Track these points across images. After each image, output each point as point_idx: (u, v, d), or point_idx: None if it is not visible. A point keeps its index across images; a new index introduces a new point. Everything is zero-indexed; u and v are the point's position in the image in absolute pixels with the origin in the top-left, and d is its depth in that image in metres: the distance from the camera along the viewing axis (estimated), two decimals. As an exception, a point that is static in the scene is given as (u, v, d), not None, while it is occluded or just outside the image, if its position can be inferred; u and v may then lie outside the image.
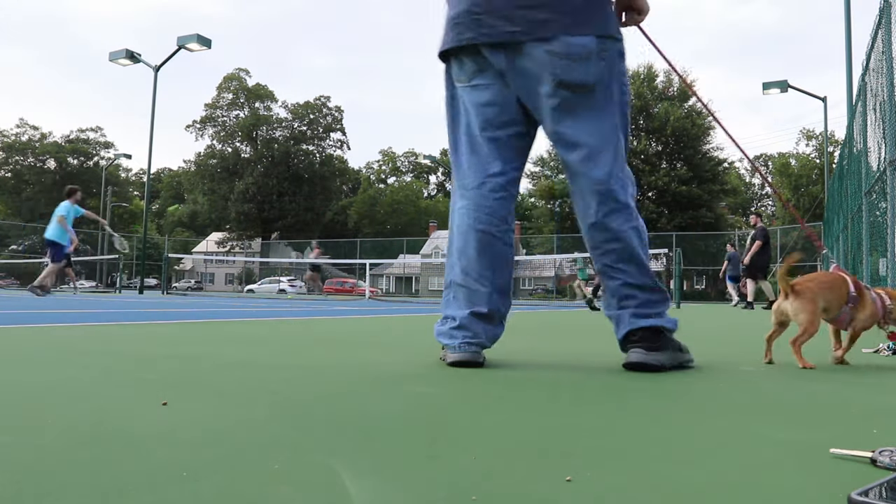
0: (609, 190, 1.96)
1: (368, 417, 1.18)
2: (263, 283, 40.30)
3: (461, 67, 2.04)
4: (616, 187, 1.96)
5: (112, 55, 19.98)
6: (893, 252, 6.01)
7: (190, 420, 1.12)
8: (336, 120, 60.57)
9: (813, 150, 54.14)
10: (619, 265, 2.00)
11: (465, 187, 2.07)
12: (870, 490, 0.68)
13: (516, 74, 1.94)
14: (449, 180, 60.51)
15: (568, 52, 1.87)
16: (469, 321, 2.01)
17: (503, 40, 1.91)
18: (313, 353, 2.40)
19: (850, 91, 13.43)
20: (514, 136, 2.07)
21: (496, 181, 2.05)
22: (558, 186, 44.39)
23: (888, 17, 6.43)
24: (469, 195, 2.06)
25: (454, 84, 2.10)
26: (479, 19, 1.92)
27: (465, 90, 2.06)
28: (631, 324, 2.00)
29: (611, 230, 1.98)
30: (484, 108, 2.02)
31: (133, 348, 2.42)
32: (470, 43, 1.95)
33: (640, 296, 2.01)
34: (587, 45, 1.88)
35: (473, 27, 1.94)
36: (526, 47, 1.89)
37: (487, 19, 1.91)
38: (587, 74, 1.90)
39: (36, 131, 61.64)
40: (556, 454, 0.93)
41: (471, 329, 2.01)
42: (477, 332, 2.01)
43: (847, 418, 1.28)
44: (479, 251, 2.03)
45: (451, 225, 2.12)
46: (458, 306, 2.06)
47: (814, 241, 2.35)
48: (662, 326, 1.99)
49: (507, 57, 1.93)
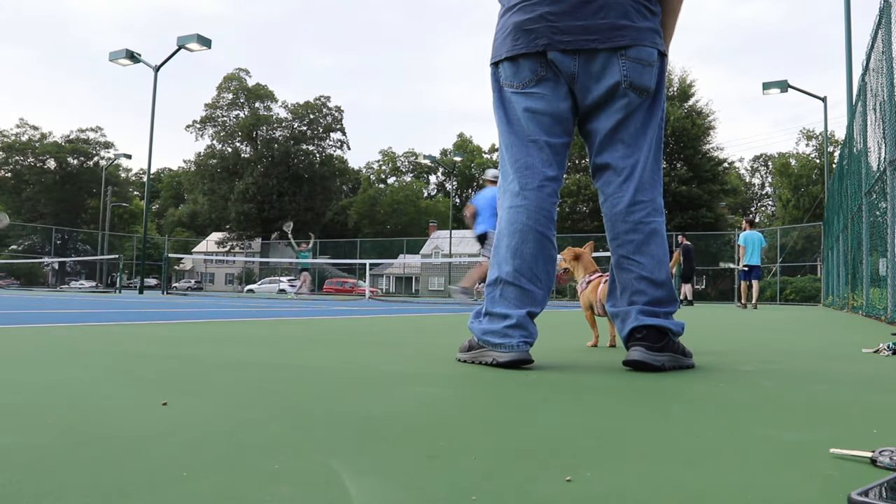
0: (641, 184, 2.08)
1: (368, 417, 1.18)
2: (263, 283, 40.33)
3: (516, 72, 2.11)
4: (647, 183, 2.09)
5: (112, 55, 19.99)
6: (893, 252, 6.01)
7: (190, 420, 1.12)
8: (336, 120, 60.58)
9: (813, 150, 54.15)
10: (635, 257, 2.07)
11: (523, 187, 2.12)
12: (870, 490, 0.68)
13: (587, 78, 2.05)
14: (448, 180, 59.84)
15: (639, 59, 2.04)
16: (525, 321, 2.04)
17: (581, 47, 2.02)
18: (313, 353, 2.40)
19: (850, 91, 13.43)
20: (564, 145, 2.17)
21: (553, 186, 2.14)
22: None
23: (888, 17, 6.44)
24: (528, 195, 2.11)
25: (502, 86, 2.17)
26: (555, 26, 2.02)
27: (515, 94, 2.13)
28: (637, 321, 2.03)
29: (634, 222, 2.07)
30: (539, 116, 2.11)
31: (133, 348, 2.42)
32: (543, 49, 2.04)
33: (651, 292, 2.05)
34: (653, 55, 2.07)
35: (548, 33, 2.03)
36: (600, 54, 2.02)
37: (563, 27, 2.02)
38: (651, 81, 2.07)
39: (36, 131, 61.64)
40: (557, 454, 0.93)
41: (527, 329, 2.04)
42: (532, 332, 2.05)
43: (847, 418, 1.28)
44: (536, 252, 2.08)
45: (502, 223, 2.15)
46: (511, 305, 2.07)
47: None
48: (668, 328, 2.03)
49: (580, 62, 2.04)
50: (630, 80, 2.04)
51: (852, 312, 10.46)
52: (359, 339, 3.16)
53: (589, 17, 2.01)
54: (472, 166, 72.73)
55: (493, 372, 1.89)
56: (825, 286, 19.86)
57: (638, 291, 2.06)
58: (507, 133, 2.18)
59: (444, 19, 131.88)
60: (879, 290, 7.73)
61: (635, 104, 2.07)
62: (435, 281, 49.85)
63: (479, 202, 9.23)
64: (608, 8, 2.01)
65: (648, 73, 2.06)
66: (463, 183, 73.82)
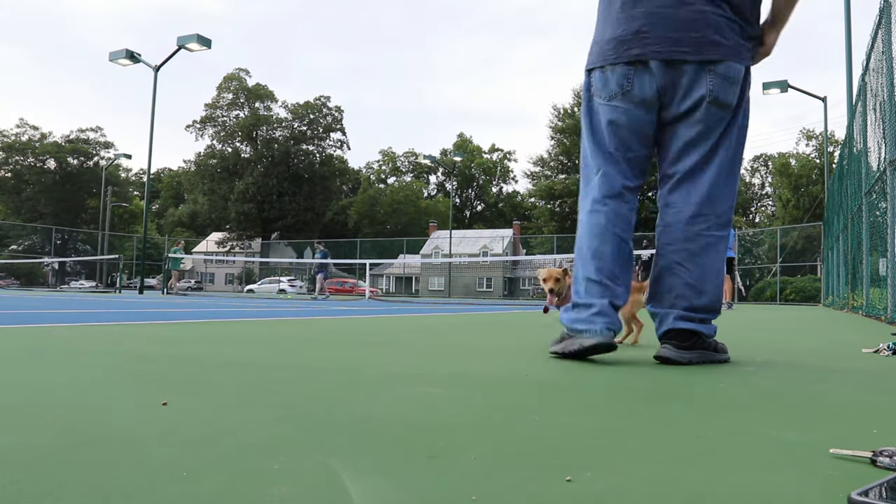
0: (708, 197, 2.20)
1: (369, 417, 1.18)
2: (263, 283, 40.34)
3: (605, 84, 2.25)
4: (716, 197, 2.21)
5: (112, 55, 19.98)
6: (893, 252, 6.01)
7: (190, 420, 1.12)
8: (336, 120, 60.59)
9: (813, 150, 54.14)
10: (686, 264, 2.22)
11: (604, 195, 2.28)
12: (870, 490, 0.68)
13: (674, 89, 2.18)
14: (448, 180, 60.11)
15: (727, 75, 2.15)
16: (608, 310, 2.22)
17: (672, 58, 2.14)
18: (313, 353, 2.40)
19: (850, 91, 13.43)
20: (645, 157, 2.31)
21: (632, 194, 2.30)
22: (558, 186, 44.38)
23: (888, 17, 6.44)
24: (609, 202, 2.27)
25: (592, 95, 2.31)
26: (648, 37, 2.16)
27: (602, 105, 2.27)
28: (672, 324, 2.21)
29: (694, 232, 2.21)
30: (622, 129, 2.25)
31: (133, 348, 2.42)
32: (635, 59, 2.17)
33: (692, 299, 2.21)
34: (740, 72, 2.17)
35: (641, 45, 2.17)
36: (690, 66, 2.14)
37: (656, 38, 2.15)
38: (733, 96, 2.18)
39: (36, 131, 61.63)
40: (556, 454, 0.93)
41: (610, 316, 2.21)
42: (615, 321, 2.22)
43: (847, 418, 1.28)
44: (616, 254, 2.25)
45: (584, 226, 2.31)
46: (595, 296, 2.24)
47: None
48: (699, 331, 2.19)
49: (669, 73, 2.16)
50: (714, 95, 2.15)
51: (852, 312, 10.46)
52: (359, 339, 3.16)
53: (682, 30, 2.13)
54: (472, 166, 72.77)
55: (493, 372, 1.89)
56: (825, 286, 19.87)
57: (681, 296, 2.21)
58: (590, 141, 2.33)
59: (444, 19, 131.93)
60: (879, 290, 7.73)
61: (715, 118, 2.18)
62: (435, 281, 49.84)
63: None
64: (702, 22, 2.12)
65: (732, 90, 2.16)
66: (463, 183, 73.86)
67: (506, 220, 68.18)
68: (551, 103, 61.75)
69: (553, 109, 54.31)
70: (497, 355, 2.41)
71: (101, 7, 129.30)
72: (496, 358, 2.31)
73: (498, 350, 2.63)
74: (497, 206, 74.76)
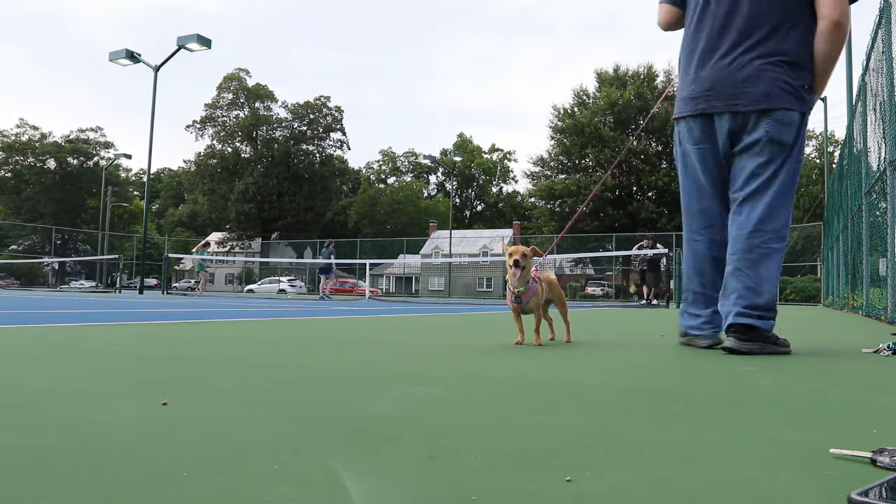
0: (766, 216, 2.66)
1: (369, 417, 1.18)
2: (263, 283, 40.32)
3: (690, 132, 2.86)
4: (773, 216, 2.67)
5: (112, 55, 19.97)
6: (893, 252, 6.00)
7: (190, 420, 1.12)
8: (336, 120, 60.56)
9: (813, 150, 54.10)
10: (747, 270, 2.65)
11: (701, 226, 2.92)
12: (870, 490, 0.68)
13: (739, 132, 2.71)
14: (448, 180, 60.37)
15: (782, 120, 2.65)
16: (713, 317, 2.87)
17: (731, 110, 2.70)
18: (313, 353, 2.40)
19: (850, 91, 13.44)
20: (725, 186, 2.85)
21: (721, 223, 2.86)
22: (558, 187, 44.42)
23: (888, 17, 6.43)
24: (705, 233, 2.91)
25: (681, 140, 2.92)
26: (711, 95, 2.75)
27: (692, 149, 2.87)
28: (734, 319, 2.62)
29: (753, 244, 2.65)
30: (708, 168, 2.85)
31: (133, 348, 2.42)
32: (703, 112, 2.78)
33: (751, 298, 2.61)
34: (795, 117, 2.67)
35: (706, 101, 2.77)
36: (751, 114, 2.67)
37: (718, 94, 2.73)
38: (789, 137, 2.67)
39: (36, 131, 61.58)
40: (557, 454, 0.93)
41: (714, 322, 2.87)
42: (718, 324, 2.83)
43: (847, 418, 1.28)
44: (714, 272, 2.89)
45: (688, 251, 2.98)
46: (701, 307, 2.91)
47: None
48: (757, 325, 2.58)
49: (734, 120, 2.71)
50: (770, 135, 2.66)
51: (852, 312, 10.46)
52: (359, 339, 3.16)
53: (739, 86, 2.68)
54: (472, 166, 72.75)
55: (493, 372, 1.89)
56: (825, 286, 19.86)
57: (742, 296, 2.63)
58: (684, 181, 2.97)
59: (444, 19, 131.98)
60: (879, 290, 7.73)
61: (774, 153, 2.67)
62: (435, 281, 49.83)
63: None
64: (754, 79, 2.66)
65: (787, 131, 2.65)
66: (463, 183, 73.85)
67: (506, 220, 68.15)
68: (551, 103, 61.67)
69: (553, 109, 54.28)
70: (497, 355, 2.41)
71: (101, 7, 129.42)
72: (496, 358, 2.31)
73: (498, 350, 2.63)
74: (497, 206, 74.74)
